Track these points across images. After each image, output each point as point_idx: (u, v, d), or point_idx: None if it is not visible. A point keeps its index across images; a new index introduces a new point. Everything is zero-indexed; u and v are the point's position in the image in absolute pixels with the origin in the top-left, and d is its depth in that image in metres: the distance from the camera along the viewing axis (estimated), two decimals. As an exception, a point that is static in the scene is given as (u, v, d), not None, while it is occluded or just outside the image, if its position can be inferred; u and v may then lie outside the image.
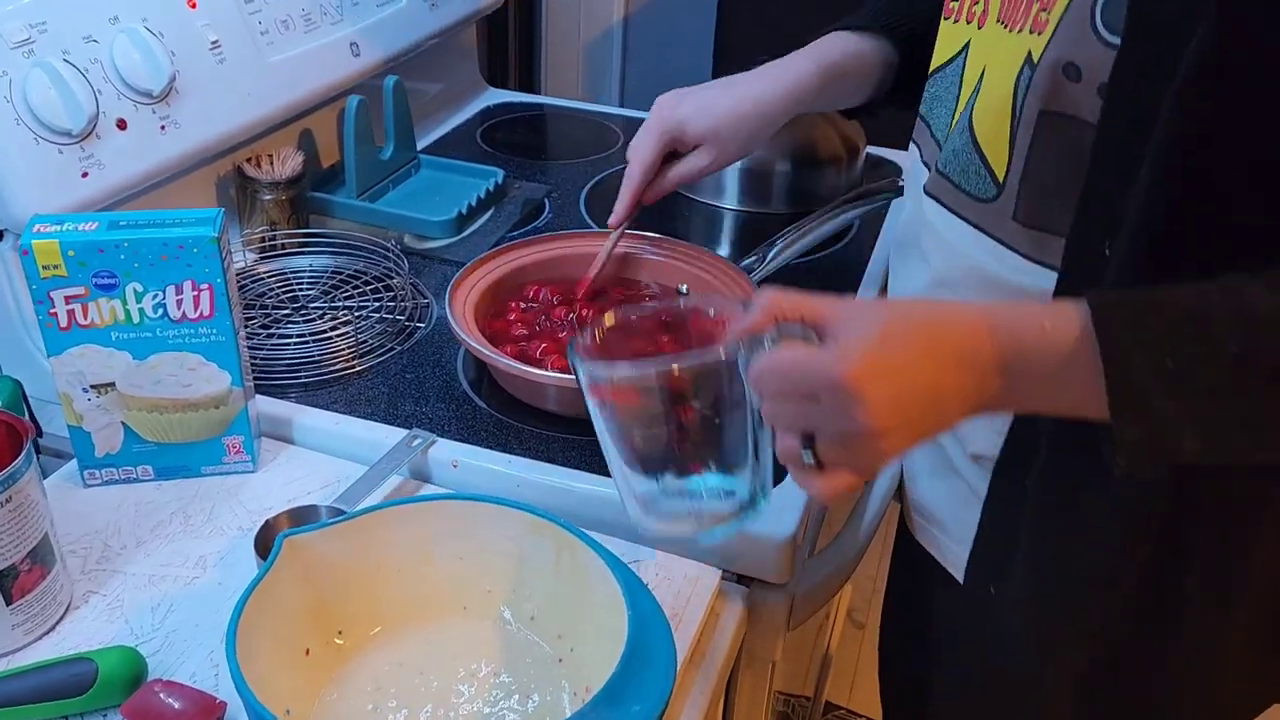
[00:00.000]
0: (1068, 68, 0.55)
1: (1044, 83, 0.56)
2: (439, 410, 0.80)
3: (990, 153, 0.61)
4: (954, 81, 0.68)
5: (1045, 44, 0.56)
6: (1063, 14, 0.55)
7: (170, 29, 0.86)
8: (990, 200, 0.61)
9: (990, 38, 0.63)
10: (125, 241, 0.65)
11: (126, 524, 0.70)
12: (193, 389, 0.71)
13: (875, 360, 0.47)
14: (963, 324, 0.49)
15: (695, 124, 0.84)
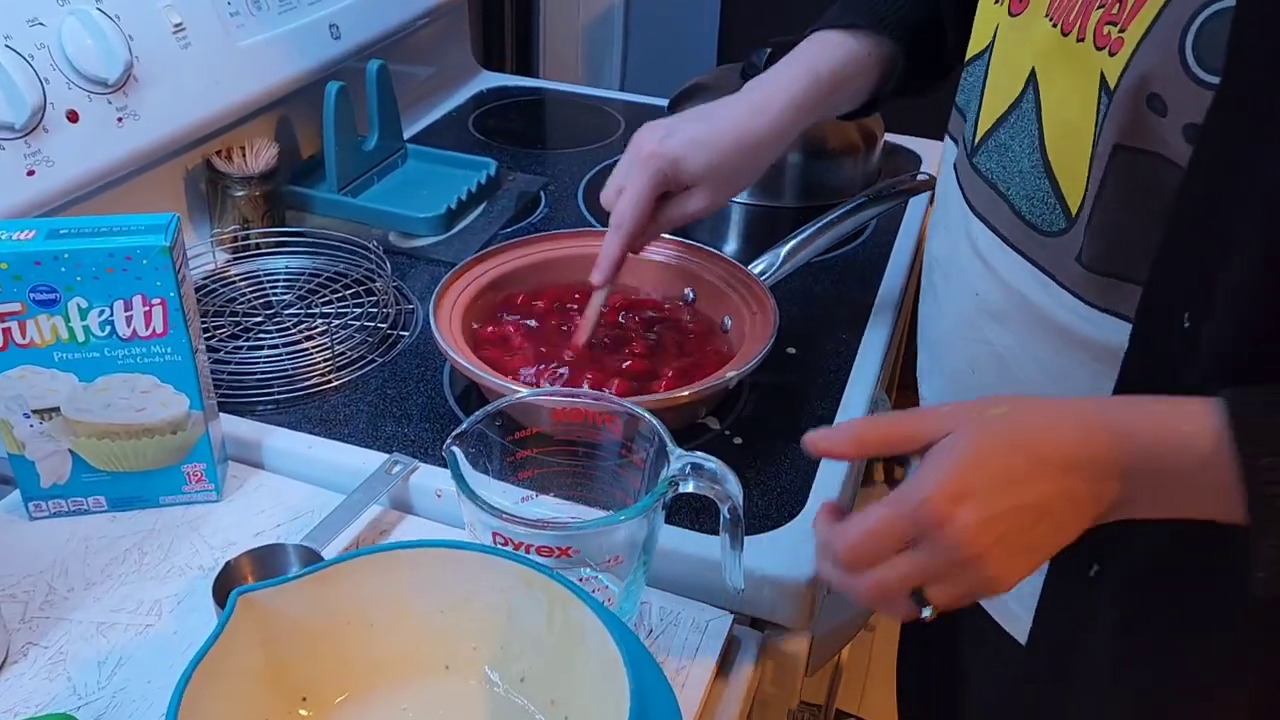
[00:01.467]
0: (1152, 99, 0.48)
1: (1122, 114, 0.49)
2: (422, 431, 0.73)
3: (1065, 181, 0.53)
4: (978, 78, 0.61)
5: (1122, 68, 0.49)
6: (1143, 37, 0.48)
7: (127, 10, 0.78)
8: (1056, 235, 0.54)
9: (1037, 35, 0.55)
10: (65, 253, 0.58)
11: (75, 562, 0.64)
12: (147, 413, 0.64)
13: (960, 482, 0.45)
14: (1070, 426, 0.46)
15: (691, 162, 0.71)
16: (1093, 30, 0.51)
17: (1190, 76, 0.46)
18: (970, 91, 0.64)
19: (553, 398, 0.62)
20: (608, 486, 0.62)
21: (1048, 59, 0.55)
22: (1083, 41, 0.52)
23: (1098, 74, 0.51)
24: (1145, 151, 0.49)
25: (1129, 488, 0.45)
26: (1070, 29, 0.53)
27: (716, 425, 0.74)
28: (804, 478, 0.70)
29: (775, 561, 0.62)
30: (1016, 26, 0.57)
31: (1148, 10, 0.48)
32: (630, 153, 0.73)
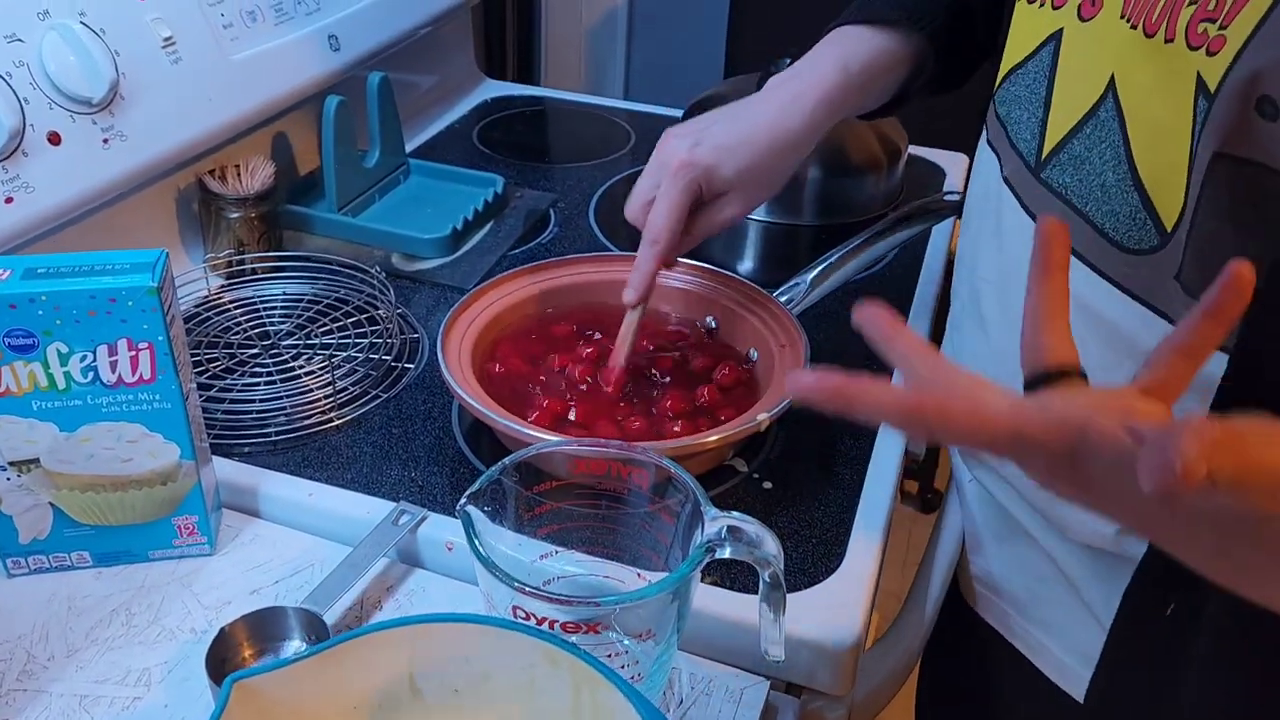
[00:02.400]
0: (1262, 102, 0.43)
1: (1225, 118, 0.44)
2: (430, 475, 0.68)
3: (1158, 194, 0.49)
4: (1040, 81, 0.57)
5: (1226, 69, 0.44)
6: (1253, 33, 0.43)
7: (113, 24, 0.74)
8: (1147, 252, 0.49)
9: (1116, 40, 0.51)
10: (44, 294, 0.53)
11: (56, 626, 0.59)
12: (134, 464, 0.59)
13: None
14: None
15: (725, 170, 0.68)
16: (1184, 29, 0.46)
17: None
18: (1018, 101, 0.59)
19: (575, 448, 0.57)
20: (635, 538, 0.58)
21: (1129, 63, 0.50)
22: (1172, 42, 0.47)
23: (1193, 76, 0.46)
24: (1250, 162, 0.45)
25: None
26: (1155, 30, 0.48)
27: (744, 468, 0.70)
28: (840, 526, 0.65)
29: (813, 623, 0.58)
30: (1087, 31, 0.53)
31: (1257, 3, 0.43)
32: (657, 163, 0.70)
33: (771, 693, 0.58)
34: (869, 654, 0.67)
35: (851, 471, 0.69)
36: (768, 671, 0.58)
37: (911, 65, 0.73)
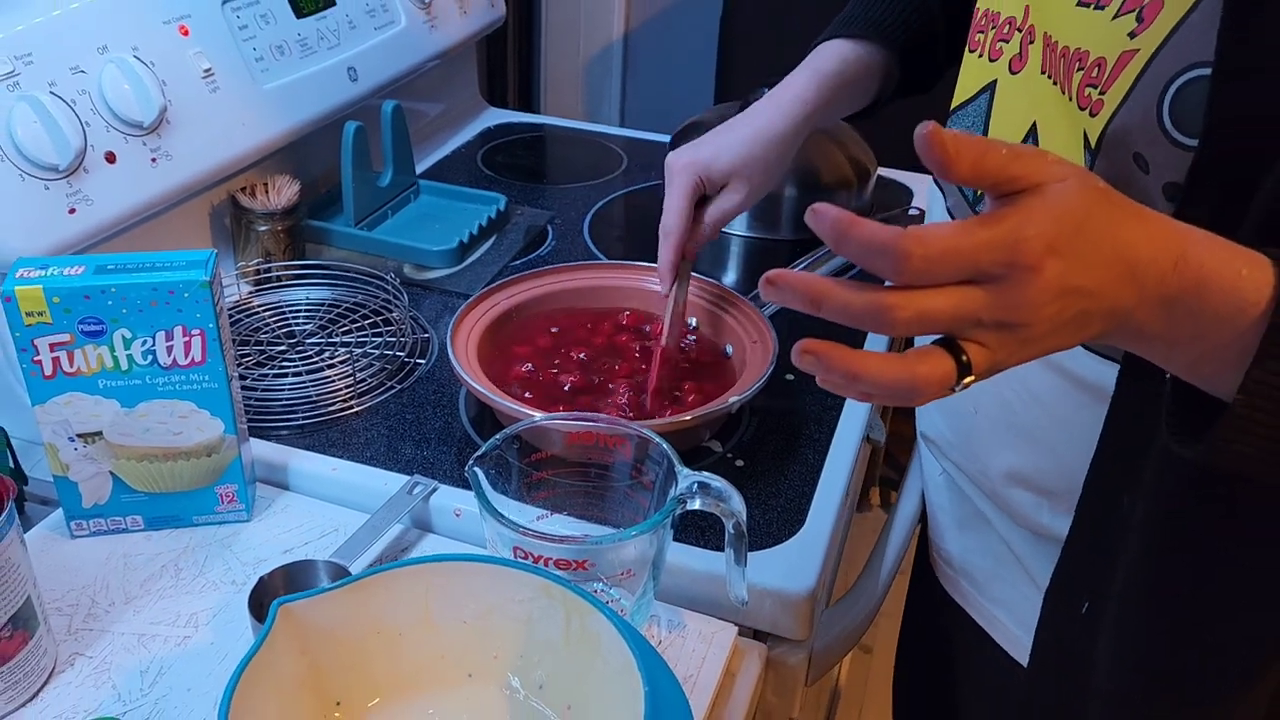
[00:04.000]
0: (1137, 158, 0.51)
1: (1108, 170, 0.52)
2: (440, 453, 0.77)
3: None
4: (977, 124, 0.65)
5: (1102, 129, 0.52)
6: (1124, 99, 0.51)
7: (161, 57, 0.83)
8: None
9: (1038, 92, 0.59)
10: (113, 287, 0.62)
11: (115, 579, 0.67)
12: (184, 437, 0.68)
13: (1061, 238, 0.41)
14: (1154, 242, 0.43)
15: (719, 164, 0.80)
16: (1076, 90, 0.55)
17: (1168, 139, 0.50)
18: None
19: (568, 422, 0.66)
20: (619, 506, 0.66)
21: (1047, 112, 0.58)
22: (1070, 99, 0.55)
23: (1081, 131, 0.54)
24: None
25: (1161, 314, 0.44)
26: (1062, 87, 0.56)
27: (719, 448, 0.78)
28: (802, 497, 0.73)
29: (776, 576, 0.66)
30: (1016, 83, 0.61)
31: (1127, 75, 0.51)
32: (666, 173, 0.82)
33: (740, 638, 0.66)
34: (829, 612, 0.75)
35: (814, 453, 0.78)
36: (736, 618, 0.66)
37: (882, 74, 0.84)
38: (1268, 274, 0.43)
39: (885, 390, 0.43)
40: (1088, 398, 0.59)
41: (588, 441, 0.65)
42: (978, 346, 0.43)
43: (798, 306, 0.43)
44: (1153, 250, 0.43)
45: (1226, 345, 0.43)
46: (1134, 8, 0.51)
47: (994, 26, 0.63)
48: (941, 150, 0.41)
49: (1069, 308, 0.42)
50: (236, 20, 0.91)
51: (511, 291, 0.87)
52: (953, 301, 0.41)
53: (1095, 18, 0.54)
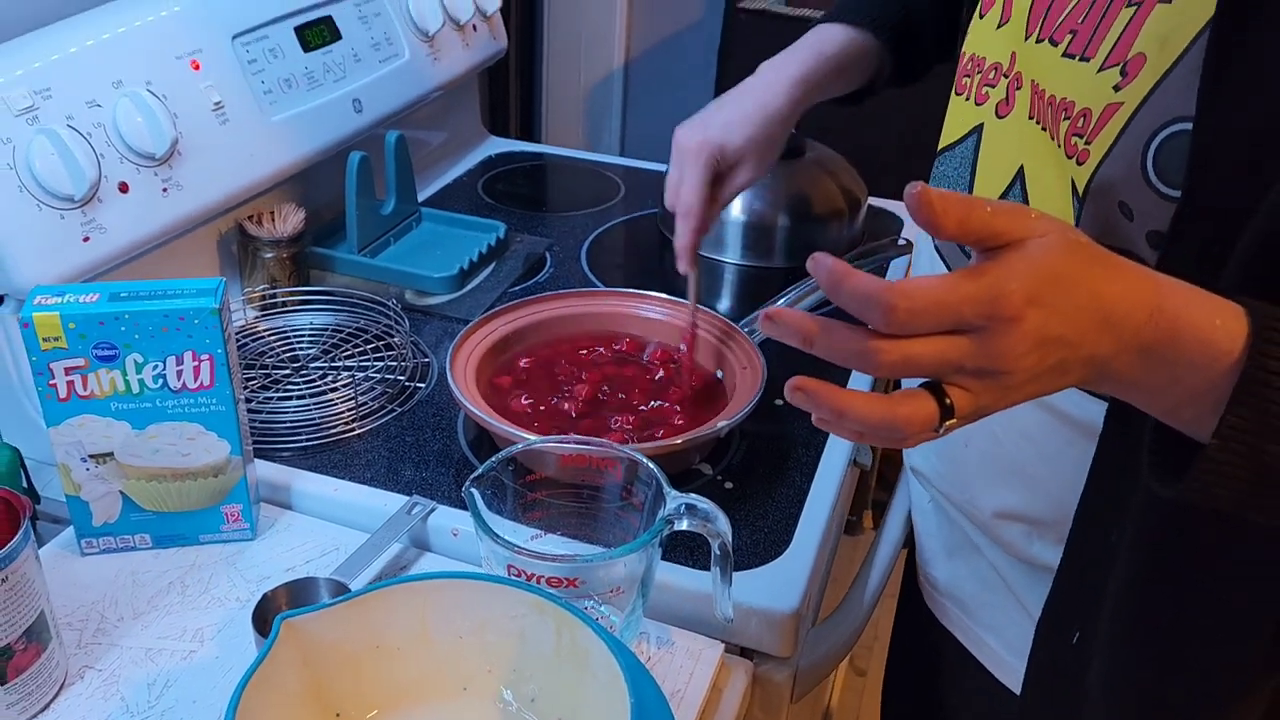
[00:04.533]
0: (1121, 206, 0.54)
1: (1094, 215, 0.55)
2: (439, 475, 0.79)
3: None
4: (964, 166, 0.68)
5: (1089, 178, 0.55)
6: (1109, 150, 0.53)
7: (173, 91, 0.86)
8: None
9: (1027, 138, 0.61)
10: (126, 314, 0.65)
11: (124, 595, 0.70)
12: (192, 458, 0.70)
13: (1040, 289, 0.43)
14: (1131, 293, 0.45)
15: (732, 144, 0.83)
16: (1062, 138, 0.57)
17: (1152, 189, 0.52)
18: (946, 180, 0.70)
19: (561, 445, 0.68)
20: (610, 526, 0.69)
21: (1034, 157, 0.61)
22: (1059, 146, 0.58)
23: (1069, 178, 0.57)
24: (1124, 250, 0.54)
25: (1139, 362, 0.45)
26: (1054, 136, 0.58)
27: (709, 471, 0.81)
28: (789, 519, 0.76)
29: (762, 595, 0.69)
30: (1003, 127, 0.63)
31: (1112, 126, 0.53)
32: (677, 153, 0.84)
33: (726, 655, 0.68)
34: (816, 630, 0.77)
35: (801, 476, 0.81)
36: (723, 636, 0.69)
37: (876, 62, 0.88)
38: (1241, 323, 0.45)
39: (871, 429, 0.46)
40: (1076, 434, 0.61)
41: (580, 464, 0.67)
42: (961, 391, 0.45)
43: (792, 342, 0.46)
44: (1130, 301, 0.45)
45: (1202, 392, 0.45)
46: (1118, 61, 0.54)
47: (979, 71, 0.66)
48: (930, 210, 0.43)
49: (1048, 356, 0.44)
50: (246, 55, 0.94)
51: (510, 317, 0.89)
52: (936, 349, 0.44)
53: (1081, 69, 0.56)
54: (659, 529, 0.61)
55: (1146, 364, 0.45)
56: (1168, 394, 0.47)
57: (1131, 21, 0.54)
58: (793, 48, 0.86)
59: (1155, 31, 0.53)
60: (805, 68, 0.84)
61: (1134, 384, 0.47)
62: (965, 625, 0.78)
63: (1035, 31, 0.60)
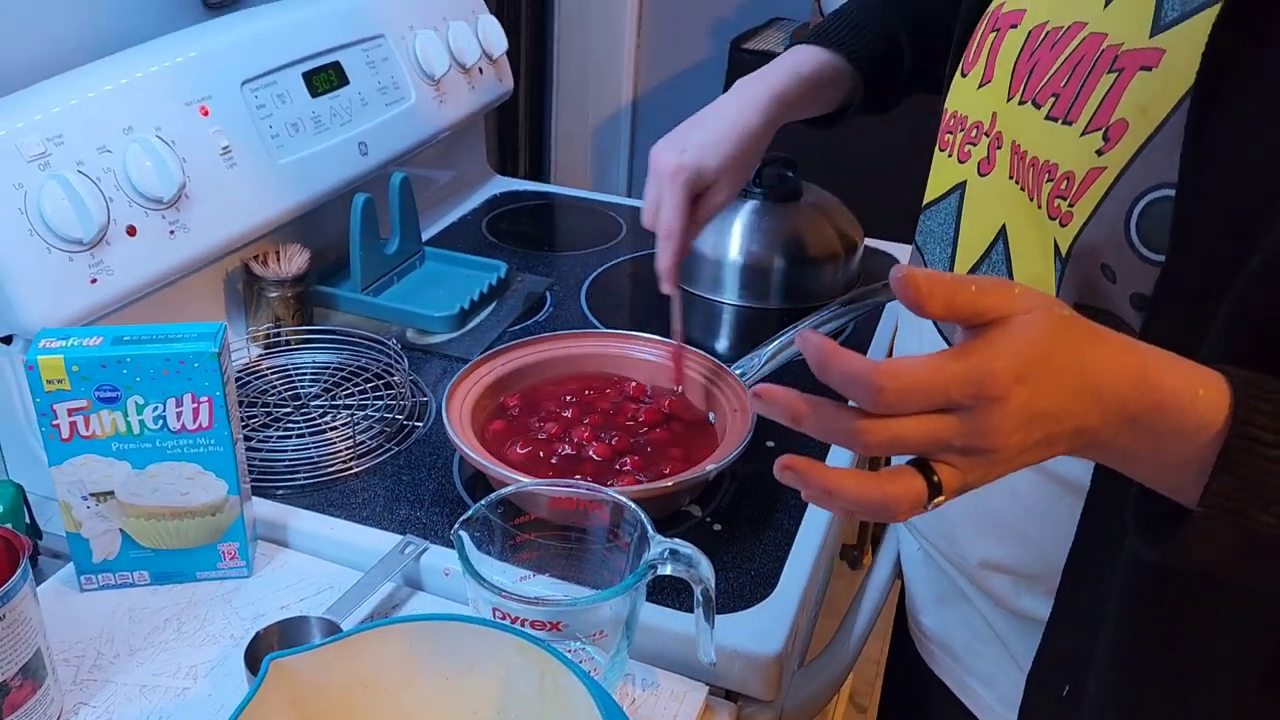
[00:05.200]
0: (1104, 268, 0.55)
1: (1077, 277, 0.56)
2: (433, 514, 0.81)
3: None
4: (948, 222, 0.69)
5: (1072, 240, 0.56)
6: (1092, 213, 0.55)
7: (182, 136, 0.89)
8: None
9: (1007, 197, 0.62)
10: (128, 357, 0.67)
11: (120, 631, 0.71)
12: (190, 497, 0.72)
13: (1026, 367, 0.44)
14: (1115, 365, 0.46)
15: (709, 166, 0.84)
16: (1045, 200, 0.58)
17: (1136, 253, 0.53)
18: (932, 235, 0.71)
19: (550, 487, 0.69)
20: (597, 567, 0.70)
21: (1015, 216, 0.62)
22: (1040, 209, 0.59)
23: (1052, 239, 0.58)
24: (1105, 311, 0.56)
25: (1125, 431, 0.46)
26: (1031, 194, 0.60)
27: (699, 513, 0.82)
28: (776, 562, 0.77)
29: (746, 638, 0.69)
30: (985, 185, 0.65)
31: (1095, 190, 0.55)
32: (654, 174, 0.85)
33: (711, 697, 0.69)
34: (803, 671, 0.78)
35: (790, 519, 0.82)
36: (707, 678, 0.69)
37: (849, 86, 0.89)
38: (1223, 394, 0.46)
39: (860, 507, 0.46)
40: (1062, 490, 0.62)
41: (568, 506, 0.69)
42: (948, 468, 0.45)
43: (780, 420, 0.46)
44: (1115, 372, 0.46)
45: (1187, 460, 0.46)
46: (1100, 126, 0.55)
47: (962, 129, 0.68)
48: (916, 292, 0.44)
49: (1036, 431, 0.45)
50: (255, 100, 0.97)
51: (506, 359, 0.91)
52: (924, 428, 0.44)
53: (1064, 132, 0.57)
54: (642, 573, 0.62)
55: (1133, 433, 0.46)
56: (1153, 461, 0.48)
57: (1113, 87, 0.55)
58: (769, 66, 0.87)
59: (1137, 99, 0.54)
60: (780, 87, 0.85)
61: (1120, 452, 0.48)
62: (956, 674, 0.78)
63: (1018, 93, 0.62)
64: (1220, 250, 0.50)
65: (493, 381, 0.89)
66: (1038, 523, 0.65)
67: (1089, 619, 0.59)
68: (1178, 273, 0.51)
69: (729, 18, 2.19)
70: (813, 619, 0.85)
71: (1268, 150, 0.49)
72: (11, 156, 0.77)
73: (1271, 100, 0.49)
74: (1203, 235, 0.50)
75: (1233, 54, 0.50)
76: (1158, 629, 0.57)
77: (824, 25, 0.89)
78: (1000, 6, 0.65)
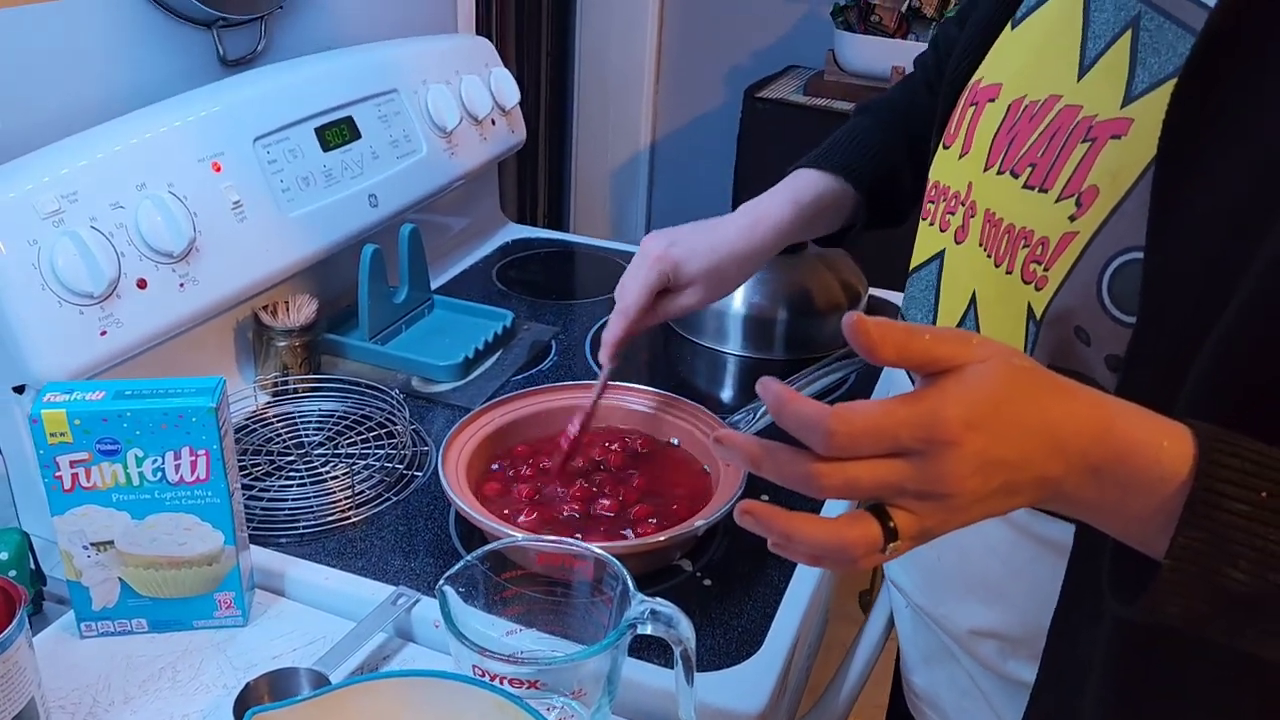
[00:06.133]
0: (1078, 330, 0.56)
1: (1051, 340, 0.57)
2: (426, 566, 0.82)
3: None
4: (929, 289, 0.70)
5: (1047, 302, 0.57)
6: (1066, 277, 0.56)
7: (195, 192, 0.91)
8: None
9: (977, 264, 0.63)
10: (128, 411, 0.69)
11: (117, 678, 0.73)
12: (187, 547, 0.74)
13: (979, 414, 0.44)
14: (1079, 415, 0.46)
15: (689, 267, 0.86)
16: (1021, 266, 0.59)
17: (1108, 315, 0.54)
18: (915, 302, 0.73)
19: (534, 542, 0.71)
20: (582, 621, 0.71)
21: (985, 283, 0.63)
22: (1011, 274, 0.60)
23: (1025, 304, 0.59)
24: (1076, 372, 0.56)
25: (1090, 483, 0.46)
26: (1001, 261, 0.61)
27: (689, 567, 0.82)
28: (763, 619, 0.77)
29: (729, 697, 0.70)
30: (959, 254, 0.66)
31: (1069, 255, 0.56)
32: (640, 254, 0.88)
33: (694, 755, 0.70)
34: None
35: (780, 575, 0.82)
36: (690, 736, 0.70)
37: (852, 207, 0.91)
38: (1188, 446, 0.46)
39: (818, 551, 0.47)
40: (1042, 550, 0.63)
41: (554, 562, 0.70)
42: (905, 513, 0.46)
43: (739, 465, 0.47)
44: (1077, 422, 0.46)
45: (1152, 512, 0.46)
46: (1073, 193, 0.56)
47: (943, 199, 0.69)
48: (866, 338, 0.44)
49: (993, 479, 0.45)
50: (266, 155, 1.00)
51: (505, 409, 0.92)
52: (877, 472, 0.45)
53: (1040, 199, 0.59)
54: (622, 631, 0.63)
55: (1097, 484, 0.46)
56: (1120, 513, 0.48)
57: (1086, 155, 0.56)
58: (773, 193, 0.89)
59: (1107, 166, 0.55)
60: (781, 217, 0.88)
61: (1086, 504, 0.48)
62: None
63: (996, 164, 0.63)
64: (1190, 312, 0.50)
65: (491, 433, 0.90)
66: (1020, 583, 0.65)
67: (1074, 677, 0.59)
68: (1149, 334, 0.52)
69: (745, 64, 2.22)
70: (806, 671, 0.86)
71: (1230, 215, 0.50)
72: (27, 214, 0.80)
73: (1231, 166, 0.50)
74: (1172, 297, 0.51)
75: (1191, 122, 0.51)
76: (1143, 685, 0.57)
77: (825, 148, 0.91)
78: (979, 81, 0.67)
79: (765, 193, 0.90)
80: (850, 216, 0.92)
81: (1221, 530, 0.45)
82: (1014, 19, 0.66)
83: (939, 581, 0.72)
